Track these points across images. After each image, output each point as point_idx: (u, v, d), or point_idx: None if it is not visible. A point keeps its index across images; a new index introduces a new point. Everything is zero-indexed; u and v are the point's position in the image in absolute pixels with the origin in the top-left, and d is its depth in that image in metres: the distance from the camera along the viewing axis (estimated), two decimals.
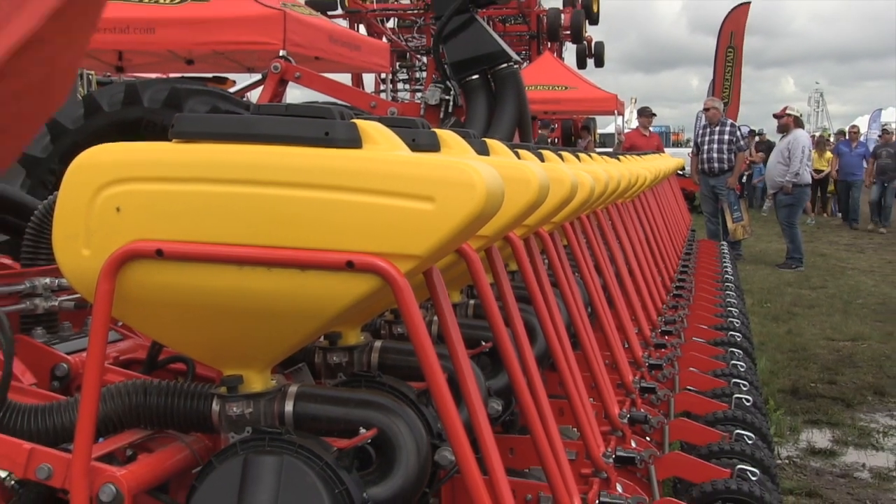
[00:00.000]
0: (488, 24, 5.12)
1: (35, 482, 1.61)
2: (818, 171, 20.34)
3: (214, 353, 1.63)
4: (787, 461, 5.02)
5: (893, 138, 19.62)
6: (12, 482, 1.67)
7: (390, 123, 1.62)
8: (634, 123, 21.42)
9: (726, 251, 8.94)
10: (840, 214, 20.83)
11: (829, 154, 21.72)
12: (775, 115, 14.21)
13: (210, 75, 8.46)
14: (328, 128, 1.47)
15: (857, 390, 6.52)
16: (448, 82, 5.04)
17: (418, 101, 5.30)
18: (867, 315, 9.50)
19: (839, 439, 5.47)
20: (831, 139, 25.65)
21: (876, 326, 8.88)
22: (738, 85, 20.66)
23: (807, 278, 12.09)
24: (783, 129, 13.82)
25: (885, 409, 6.15)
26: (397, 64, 18.21)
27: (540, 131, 16.75)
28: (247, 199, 1.44)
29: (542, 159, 2.65)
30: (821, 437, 5.50)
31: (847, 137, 21.00)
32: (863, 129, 26.71)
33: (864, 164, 19.63)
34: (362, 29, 16.94)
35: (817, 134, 30.35)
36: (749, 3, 20.74)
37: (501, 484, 1.61)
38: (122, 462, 1.68)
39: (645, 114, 17.35)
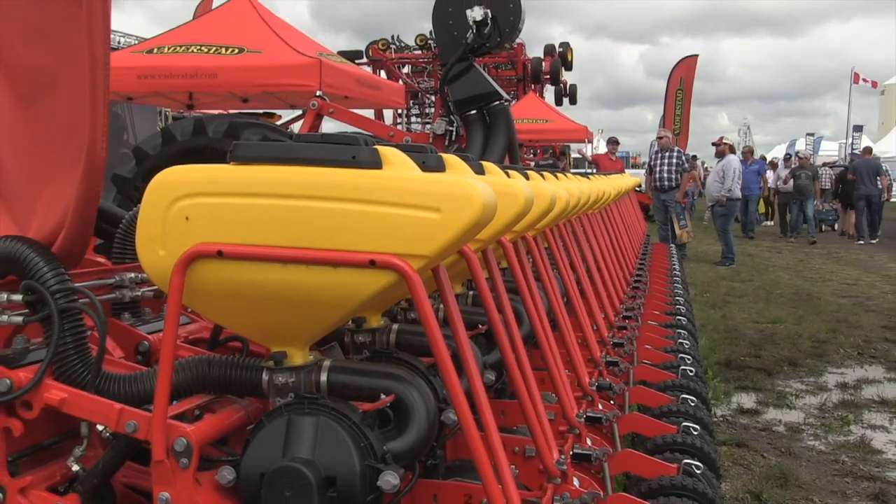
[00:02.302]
0: (484, 69, 5.10)
1: (124, 435, 1.61)
2: None
3: (264, 333, 1.62)
4: (721, 419, 5.01)
5: (809, 162, 19.34)
6: (107, 434, 1.68)
7: (405, 149, 1.61)
8: (601, 149, 21.40)
9: (674, 252, 8.90)
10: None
11: None
12: (713, 144, 14.25)
13: (261, 111, 8.47)
14: (355, 152, 1.46)
15: (776, 362, 6.50)
16: (452, 116, 5.01)
17: (428, 132, 5.28)
18: (784, 302, 9.48)
19: (762, 401, 5.46)
20: None
21: (791, 311, 8.86)
22: (687, 119, 20.65)
23: (738, 273, 12.07)
24: (720, 155, 13.87)
25: (797, 377, 6.14)
26: (411, 101, 18.18)
27: (551, 160, 16.56)
28: (290, 210, 1.43)
29: (527, 178, 2.63)
30: (748, 400, 5.49)
31: (742, 157, 20.37)
32: (780, 156, 26.41)
33: (759, 181, 18.35)
34: (383, 74, 16.94)
35: None
36: (697, 55, 20.88)
37: (494, 439, 1.61)
38: (191, 420, 1.67)
39: (612, 142, 17.48)
